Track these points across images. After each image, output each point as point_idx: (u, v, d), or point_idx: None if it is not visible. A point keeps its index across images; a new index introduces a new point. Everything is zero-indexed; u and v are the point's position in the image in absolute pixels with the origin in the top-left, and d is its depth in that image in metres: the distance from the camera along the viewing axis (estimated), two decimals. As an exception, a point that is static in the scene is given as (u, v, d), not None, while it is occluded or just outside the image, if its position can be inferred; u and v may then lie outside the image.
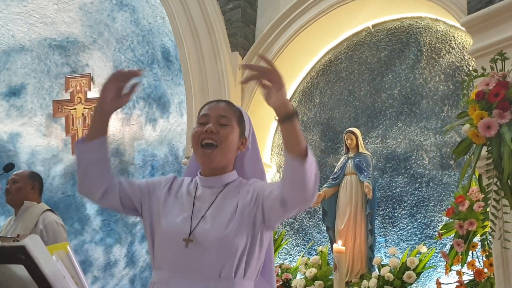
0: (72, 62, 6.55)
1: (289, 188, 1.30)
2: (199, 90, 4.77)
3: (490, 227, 2.12)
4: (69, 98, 6.47)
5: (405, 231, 3.63)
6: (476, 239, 2.77)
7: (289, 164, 1.28)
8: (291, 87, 4.72)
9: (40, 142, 6.52)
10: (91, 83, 6.46)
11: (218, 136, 1.45)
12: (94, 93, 6.47)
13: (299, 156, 1.25)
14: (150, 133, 6.32)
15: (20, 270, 0.57)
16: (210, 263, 1.36)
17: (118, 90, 1.41)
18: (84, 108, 6.44)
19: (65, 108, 6.47)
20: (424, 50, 3.86)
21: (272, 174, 4.72)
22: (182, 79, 5.43)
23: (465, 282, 2.74)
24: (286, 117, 1.25)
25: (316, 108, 4.54)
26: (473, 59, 3.04)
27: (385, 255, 3.58)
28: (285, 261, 4.30)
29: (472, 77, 2.32)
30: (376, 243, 3.68)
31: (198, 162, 1.52)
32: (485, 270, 2.65)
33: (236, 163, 1.56)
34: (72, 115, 6.46)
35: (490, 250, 2.54)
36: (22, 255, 0.54)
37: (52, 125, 6.58)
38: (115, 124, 6.49)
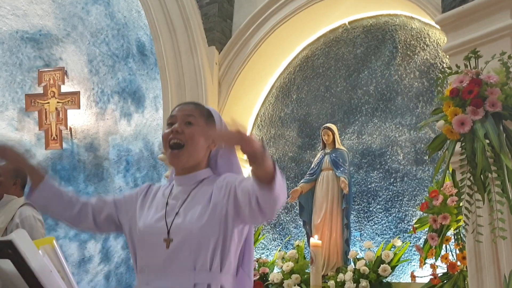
0: (45, 55, 6.41)
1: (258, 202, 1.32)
2: (176, 85, 4.74)
3: (464, 221, 2.18)
4: (42, 92, 6.34)
5: (380, 225, 3.69)
6: (450, 233, 2.83)
7: (259, 188, 1.29)
8: (268, 83, 4.73)
9: (13, 136, 6.37)
10: (65, 77, 6.34)
11: (183, 135, 1.48)
12: (68, 87, 6.36)
13: (267, 179, 1.27)
14: (125, 128, 6.24)
15: (6, 264, 0.56)
16: (185, 256, 1.39)
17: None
18: (58, 102, 6.31)
19: (38, 102, 6.33)
20: (399, 47, 3.92)
21: (249, 170, 4.73)
22: (158, 73, 5.38)
23: (438, 275, 2.80)
24: (255, 158, 1.27)
25: (293, 104, 4.56)
26: (447, 56, 3.10)
27: (361, 249, 3.63)
28: (262, 255, 4.32)
29: (446, 74, 2.37)
30: (352, 237, 3.73)
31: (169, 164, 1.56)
32: (458, 263, 2.72)
33: (210, 161, 1.58)
34: (46, 109, 6.33)
35: (463, 244, 2.61)
36: (9, 250, 0.54)
37: (24, 119, 6.43)
38: (90, 118, 6.39)
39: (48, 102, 6.32)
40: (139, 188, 1.62)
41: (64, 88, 6.32)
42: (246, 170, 4.88)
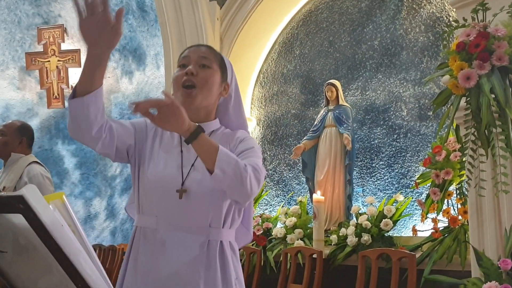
0: (43, 12, 6.30)
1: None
2: (177, 41, 4.67)
3: (467, 176, 2.19)
4: (42, 50, 6.27)
5: (382, 181, 3.72)
6: (452, 187, 2.86)
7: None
8: (270, 39, 4.66)
9: (14, 95, 6.35)
10: (65, 34, 6.25)
11: (198, 77, 1.42)
12: (68, 45, 6.27)
13: (210, 171, 1.25)
14: (126, 86, 6.21)
15: (18, 219, 0.57)
16: (201, 212, 1.37)
17: (102, 25, 1.16)
18: (59, 60, 6.25)
19: (38, 60, 6.27)
20: (404, 0, 3.83)
21: (252, 127, 4.73)
22: (158, 30, 5.29)
23: (440, 229, 2.85)
24: (188, 139, 1.24)
25: (296, 60, 4.50)
26: (454, 9, 3.03)
27: (363, 204, 3.68)
28: (265, 211, 4.38)
29: (453, 28, 2.32)
30: (354, 193, 3.78)
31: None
32: (460, 217, 2.76)
33: (219, 112, 1.54)
34: (46, 67, 6.28)
35: (465, 198, 2.63)
36: (20, 204, 0.54)
37: (25, 78, 6.39)
38: (91, 77, 6.34)
39: (49, 61, 6.26)
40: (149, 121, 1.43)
41: (64, 46, 6.25)
42: (248, 127, 4.85)
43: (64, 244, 0.59)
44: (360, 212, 3.47)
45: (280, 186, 4.41)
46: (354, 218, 3.47)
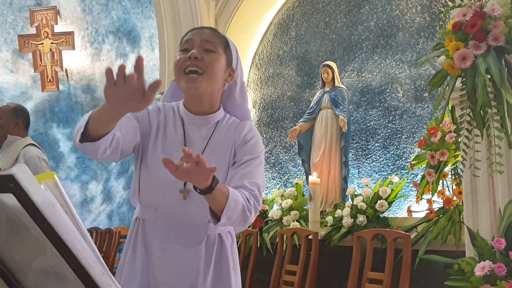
0: (35, -7, 6.21)
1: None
2: (171, 23, 4.62)
3: (462, 157, 2.19)
4: (35, 32, 6.20)
5: (378, 162, 3.73)
6: (447, 169, 2.87)
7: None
8: (266, 20, 4.61)
9: (8, 78, 6.29)
10: (58, 16, 6.17)
11: (203, 62, 1.32)
12: (61, 27, 6.20)
13: (215, 217, 1.24)
14: (121, 68, 6.15)
15: (9, 199, 0.56)
16: (201, 211, 1.32)
17: (132, 91, 1.04)
18: (52, 43, 6.19)
19: (31, 43, 6.20)
20: (401, -20, 3.79)
21: (247, 109, 4.72)
22: (153, 11, 5.23)
23: (435, 209, 2.87)
24: (202, 192, 1.18)
25: (292, 41, 4.47)
26: (451, -11, 3.00)
27: (359, 186, 3.69)
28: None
29: (449, 8, 2.30)
30: (350, 175, 3.79)
31: (182, 91, 1.39)
32: (454, 198, 2.78)
33: (222, 98, 1.46)
34: (40, 50, 6.22)
35: (460, 179, 2.65)
36: (10, 184, 0.54)
37: (19, 61, 6.33)
38: (85, 60, 6.29)
39: (42, 43, 6.19)
40: (151, 110, 1.41)
41: (58, 28, 6.18)
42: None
43: (56, 223, 0.58)
44: (355, 193, 3.48)
45: (276, 168, 4.41)
46: (350, 200, 3.49)
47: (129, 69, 0.97)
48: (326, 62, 3.92)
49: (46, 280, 0.69)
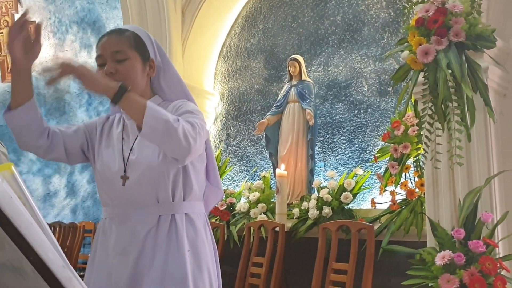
0: (-6, -20, 5.99)
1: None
2: (137, 14, 4.54)
3: (423, 149, 2.25)
4: (-6, 21, 5.98)
5: (343, 155, 3.79)
6: (409, 161, 2.94)
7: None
8: (233, 12, 4.59)
9: (-35, 69, 6.06)
10: (18, 4, 5.97)
11: (119, 75, 1.40)
12: (21, 16, 6.01)
13: (139, 128, 1.26)
14: (85, 59, 6.03)
15: (-38, 191, 0.55)
16: (146, 191, 1.39)
17: (25, 41, 1.31)
18: (12, 32, 5.99)
19: (-10, 32, 5.99)
20: (367, -24, 3.84)
21: (215, 102, 4.70)
22: (118, 1, 5.13)
23: (397, 201, 2.94)
24: (113, 100, 1.24)
25: (259, 34, 4.47)
26: (415, -14, 3.06)
27: (324, 178, 3.74)
28: (229, 186, 4.40)
29: (413, 3, 2.35)
30: (316, 168, 3.83)
31: None
32: (417, 190, 2.85)
33: (154, 87, 1.53)
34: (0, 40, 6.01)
35: (422, 171, 2.72)
36: (-37, 176, 0.52)
37: (-24, 51, 6.10)
38: (48, 50, 6.11)
39: (2, 32, 5.99)
40: (98, 119, 1.57)
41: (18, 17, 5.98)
42: (211, 102, 4.81)
43: (13, 216, 0.57)
44: (321, 186, 3.53)
45: (244, 161, 4.42)
46: (316, 192, 3.53)
47: (93, 60, 0.99)
48: (293, 56, 3.94)
49: (3, 274, 0.67)
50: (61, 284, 0.59)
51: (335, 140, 3.84)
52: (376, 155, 3.20)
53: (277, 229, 3.27)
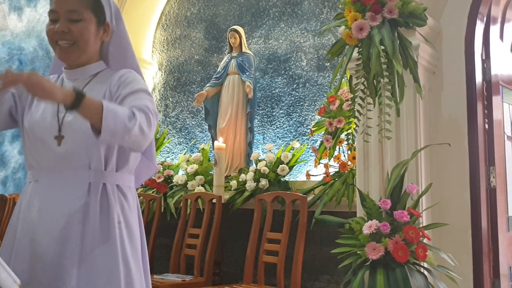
0: None
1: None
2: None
3: (355, 123, 2.31)
4: None
5: (281, 129, 3.83)
6: (343, 135, 3.02)
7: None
8: (174, -20, 4.46)
9: None
10: None
11: (71, 34, 1.37)
12: None
13: (96, 131, 1.23)
14: (15, 23, 5.68)
15: None
16: (79, 154, 1.35)
17: None
18: None
19: None
20: (309, -51, 3.83)
21: (153, 72, 4.59)
22: (51, -38, 4.84)
23: (331, 173, 3.03)
24: (69, 107, 1.20)
25: (200, 3, 4.38)
26: (354, -38, 3.08)
27: (263, 151, 3.78)
28: (167, 159, 4.35)
29: (351, -21, 2.37)
30: (255, 140, 3.86)
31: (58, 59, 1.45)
32: (349, 162, 2.94)
33: (102, 51, 1.49)
34: None
35: (354, 145, 2.80)
36: None
37: None
38: (-28, 10, 5.70)
39: None
40: None
41: None
42: (149, 72, 4.68)
43: None
44: (259, 158, 3.56)
45: (183, 133, 4.37)
46: (254, 165, 3.57)
47: (24, 24, 0.92)
48: (234, 27, 3.90)
49: None
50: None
51: (274, 113, 3.87)
52: (312, 129, 3.26)
53: (214, 201, 3.28)
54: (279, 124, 3.84)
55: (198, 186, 3.67)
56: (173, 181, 3.83)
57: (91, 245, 1.30)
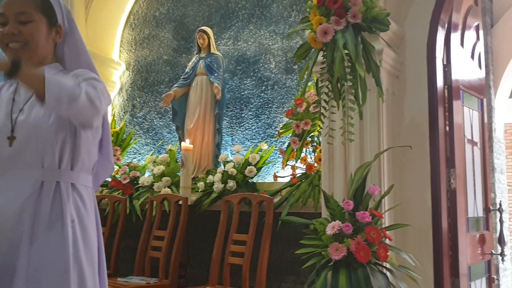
0: None
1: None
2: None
3: (319, 126, 2.34)
4: None
5: (250, 130, 3.84)
6: (310, 137, 3.06)
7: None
8: (142, -21, 4.42)
9: None
10: None
11: (21, 36, 1.37)
12: None
13: (41, 98, 1.23)
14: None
15: None
16: (31, 153, 1.34)
17: None
18: None
19: None
20: (278, -48, 3.86)
21: (120, 71, 4.53)
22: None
23: (297, 175, 3.05)
24: (7, 74, 1.21)
25: (169, 3, 4.35)
26: (321, -34, 3.12)
27: (231, 153, 3.78)
28: (133, 160, 4.30)
29: (317, -17, 2.40)
30: (223, 142, 3.86)
31: None
32: (315, 164, 2.98)
33: (57, 54, 1.48)
34: None
35: (320, 147, 2.84)
36: None
37: None
38: None
39: None
40: None
41: None
42: (117, 72, 4.62)
43: None
44: (228, 160, 3.56)
45: (150, 134, 4.33)
46: (222, 166, 3.56)
47: None
48: (202, 28, 3.89)
49: None
50: None
51: (243, 115, 3.88)
52: (280, 131, 3.28)
53: (180, 202, 3.26)
54: (247, 126, 3.85)
55: (165, 188, 3.64)
56: (139, 182, 3.79)
57: (41, 242, 1.28)
